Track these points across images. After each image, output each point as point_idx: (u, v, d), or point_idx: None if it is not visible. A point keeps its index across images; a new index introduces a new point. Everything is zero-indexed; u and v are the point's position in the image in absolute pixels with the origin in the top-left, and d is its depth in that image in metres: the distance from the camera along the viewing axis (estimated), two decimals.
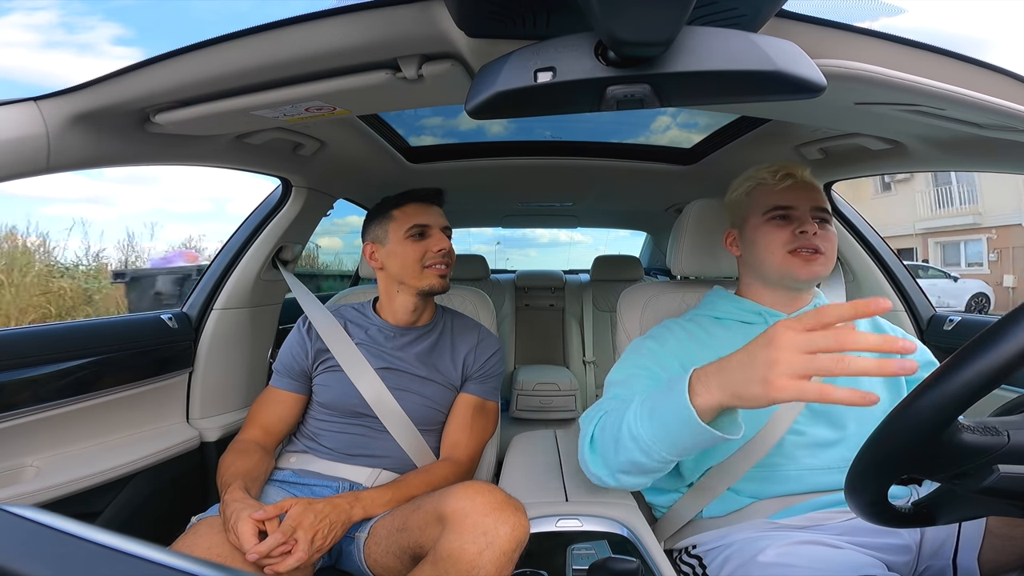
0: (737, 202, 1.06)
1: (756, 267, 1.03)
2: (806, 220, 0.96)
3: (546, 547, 0.87)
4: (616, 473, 0.81)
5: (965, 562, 0.81)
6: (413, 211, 1.22)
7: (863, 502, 0.59)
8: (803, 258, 0.95)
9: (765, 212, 0.99)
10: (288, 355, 1.23)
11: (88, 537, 0.28)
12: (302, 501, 0.91)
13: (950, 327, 1.41)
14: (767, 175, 1.00)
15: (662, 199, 2.22)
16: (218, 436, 1.40)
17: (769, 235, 0.98)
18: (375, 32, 0.68)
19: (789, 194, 0.98)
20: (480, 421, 1.22)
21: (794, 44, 0.54)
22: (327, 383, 1.19)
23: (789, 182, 0.99)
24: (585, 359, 2.74)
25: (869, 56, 0.65)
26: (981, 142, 0.93)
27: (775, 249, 0.97)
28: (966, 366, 0.48)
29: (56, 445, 1.14)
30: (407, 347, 1.23)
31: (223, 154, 1.17)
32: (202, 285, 1.50)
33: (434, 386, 1.21)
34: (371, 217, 1.28)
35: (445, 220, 1.26)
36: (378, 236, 1.24)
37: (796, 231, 0.96)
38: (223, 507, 0.91)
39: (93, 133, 0.88)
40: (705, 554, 0.94)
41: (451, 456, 1.17)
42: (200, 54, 0.76)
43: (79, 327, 1.22)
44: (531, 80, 0.54)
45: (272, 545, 0.83)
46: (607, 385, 1.00)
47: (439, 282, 1.21)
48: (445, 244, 1.22)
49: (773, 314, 1.01)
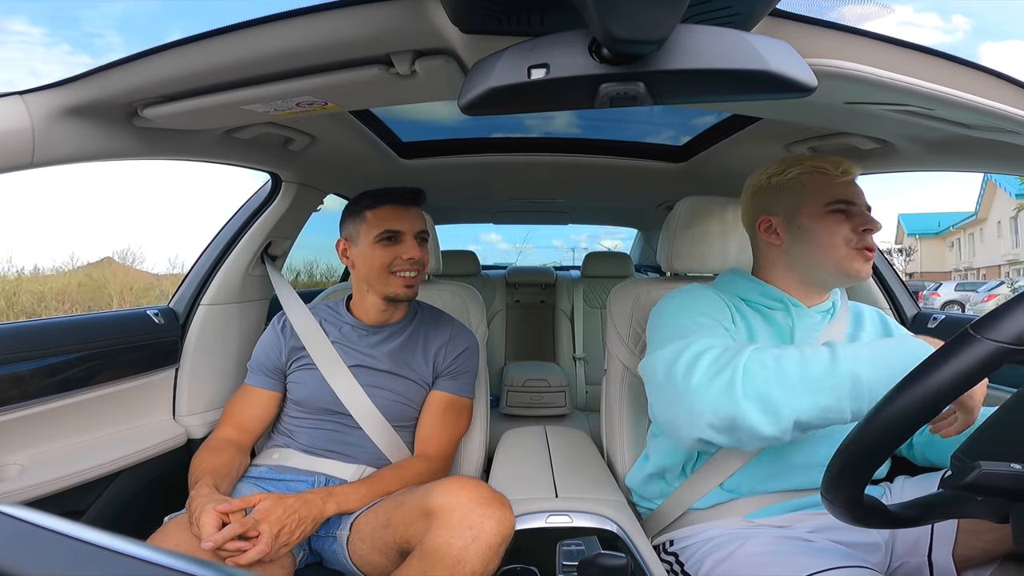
0: (784, 187, 0.99)
1: (806, 258, 0.97)
2: (868, 219, 0.94)
3: (536, 543, 0.88)
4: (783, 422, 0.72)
5: (940, 558, 0.83)
6: (387, 215, 1.19)
7: (840, 501, 0.60)
8: (865, 256, 0.93)
9: (827, 203, 0.95)
10: (263, 353, 1.24)
11: (70, 533, 0.28)
12: (272, 496, 0.91)
13: (934, 325, 1.44)
14: (827, 165, 0.97)
15: (653, 196, 2.23)
16: (204, 433, 1.39)
17: (832, 227, 0.94)
18: (369, 27, 0.68)
19: (850, 189, 0.95)
20: (452, 417, 1.22)
21: (786, 43, 0.55)
22: (300, 380, 1.19)
23: (850, 176, 0.96)
24: (575, 355, 2.75)
25: (860, 56, 0.65)
26: (968, 142, 0.94)
27: (838, 243, 0.93)
28: (934, 374, 0.50)
29: (40, 442, 1.12)
30: (378, 345, 1.23)
31: (212, 148, 1.16)
32: (189, 280, 1.48)
33: (406, 383, 1.21)
34: (347, 212, 1.26)
35: (422, 223, 1.23)
36: (351, 234, 1.23)
37: (859, 228, 0.93)
38: (190, 502, 0.91)
39: (80, 127, 0.87)
40: (682, 551, 0.95)
41: (424, 452, 1.18)
42: (191, 48, 0.75)
43: (63, 323, 1.20)
44: (525, 76, 0.54)
45: (228, 535, 0.82)
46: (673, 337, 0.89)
47: (404, 291, 1.20)
48: (415, 253, 1.19)
49: (795, 303, 1.00)
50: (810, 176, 0.97)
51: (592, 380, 2.68)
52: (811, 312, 1.00)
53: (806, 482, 0.93)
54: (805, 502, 0.92)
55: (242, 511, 0.88)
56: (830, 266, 0.95)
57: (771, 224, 1.01)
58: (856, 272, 0.94)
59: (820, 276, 0.98)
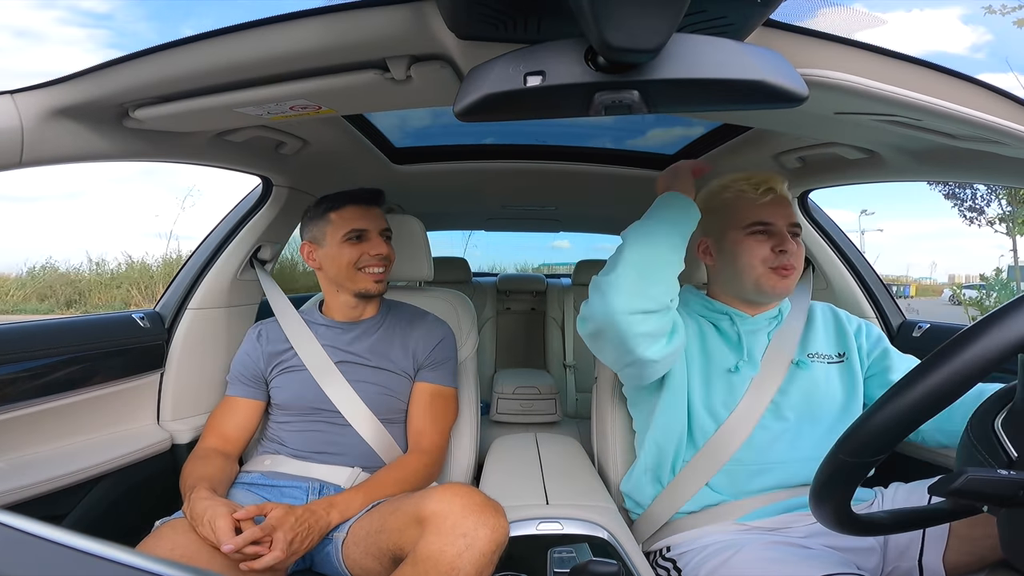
0: (713, 211, 1.05)
1: (731, 278, 1.05)
2: (786, 239, 1.00)
3: (527, 550, 0.87)
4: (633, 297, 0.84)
5: (931, 563, 0.84)
6: (351, 214, 1.22)
7: (828, 511, 0.60)
8: (780, 275, 0.99)
9: (746, 226, 1.01)
10: (240, 364, 1.25)
11: (52, 538, 0.28)
12: (283, 505, 0.92)
13: (919, 333, 1.46)
14: (748, 188, 1.02)
15: (644, 205, 2.23)
16: (190, 438, 1.36)
17: (750, 250, 1.00)
18: (364, 32, 0.68)
19: (769, 209, 1.01)
20: (440, 407, 1.24)
21: (778, 53, 0.55)
22: (283, 384, 1.20)
23: (770, 197, 1.01)
24: (565, 363, 2.75)
25: (850, 66, 0.66)
26: (953, 152, 0.96)
27: (755, 264, 1.00)
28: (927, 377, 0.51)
29: (21, 446, 1.10)
30: (355, 341, 1.25)
31: (202, 151, 1.15)
32: (176, 284, 1.46)
33: (387, 375, 1.22)
34: (309, 217, 1.27)
35: (384, 222, 1.27)
36: (316, 237, 1.25)
37: (776, 249, 0.99)
38: (191, 505, 0.91)
39: (69, 128, 0.86)
40: (679, 557, 0.95)
41: (418, 446, 1.18)
42: (183, 50, 0.74)
43: (46, 326, 1.18)
44: (521, 83, 0.54)
45: (248, 538, 0.83)
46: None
47: (374, 287, 1.23)
48: (383, 249, 1.23)
49: (739, 315, 1.05)
50: (734, 198, 1.04)
51: (582, 388, 2.68)
52: (756, 319, 1.06)
53: (790, 478, 0.95)
54: (796, 503, 0.94)
55: (252, 519, 0.89)
56: (750, 285, 1.02)
57: (707, 246, 1.09)
58: (773, 291, 1.01)
59: (746, 294, 1.05)
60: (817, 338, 1.07)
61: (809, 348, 1.05)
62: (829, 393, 1.02)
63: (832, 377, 1.03)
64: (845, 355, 1.06)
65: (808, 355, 1.04)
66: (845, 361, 1.06)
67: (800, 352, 1.04)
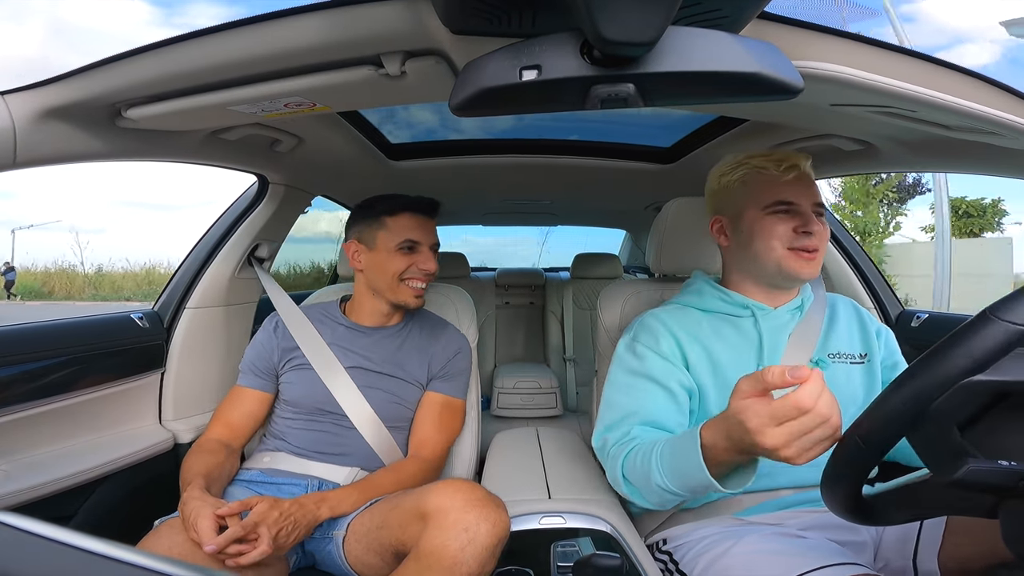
0: (729, 189, 1.00)
1: (750, 260, 0.99)
2: (810, 218, 0.93)
3: (530, 545, 0.88)
4: (656, 503, 0.85)
5: (925, 562, 0.81)
6: (408, 223, 1.20)
7: (839, 496, 0.60)
8: (804, 257, 0.93)
9: (767, 205, 0.95)
10: (254, 354, 1.24)
11: (60, 539, 0.28)
12: (267, 499, 0.91)
13: (917, 323, 1.46)
14: (769, 164, 0.96)
15: (641, 198, 2.25)
16: (192, 437, 1.37)
17: (770, 229, 0.94)
18: (358, 28, 0.67)
19: (793, 188, 0.94)
20: (447, 419, 1.23)
21: (774, 45, 0.55)
22: (293, 381, 1.19)
23: (794, 174, 0.94)
24: (565, 356, 2.75)
25: (845, 58, 0.66)
26: (948, 144, 0.96)
27: (776, 245, 0.94)
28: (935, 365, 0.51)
29: (25, 448, 1.10)
30: (373, 346, 1.23)
31: (196, 150, 1.14)
32: (174, 283, 1.46)
33: (400, 383, 1.21)
34: (360, 215, 1.25)
35: (436, 236, 1.25)
36: (365, 238, 1.23)
37: (799, 229, 0.93)
38: (182, 505, 0.90)
39: (62, 128, 0.85)
40: (675, 549, 0.95)
41: (418, 454, 1.18)
42: (176, 48, 0.73)
43: (45, 327, 1.17)
44: (516, 78, 0.54)
45: (230, 537, 0.83)
46: (611, 407, 0.98)
47: (414, 301, 1.21)
48: (432, 265, 1.21)
49: (761, 308, 1.00)
50: (754, 176, 0.97)
51: (583, 381, 2.69)
52: (779, 313, 1.01)
53: (793, 480, 0.93)
54: (795, 499, 0.93)
55: (238, 514, 0.88)
56: (771, 267, 0.96)
57: (722, 225, 1.03)
58: (796, 273, 0.94)
59: (767, 277, 0.99)
60: (840, 336, 1.02)
61: (831, 347, 1.00)
62: (848, 396, 0.95)
63: (854, 378, 0.98)
64: (868, 356, 1.01)
65: (829, 355, 0.99)
66: (867, 363, 1.00)
67: (820, 350, 0.99)
